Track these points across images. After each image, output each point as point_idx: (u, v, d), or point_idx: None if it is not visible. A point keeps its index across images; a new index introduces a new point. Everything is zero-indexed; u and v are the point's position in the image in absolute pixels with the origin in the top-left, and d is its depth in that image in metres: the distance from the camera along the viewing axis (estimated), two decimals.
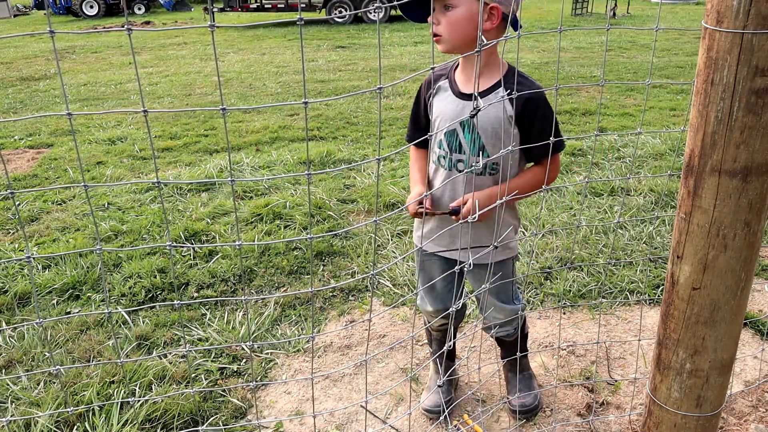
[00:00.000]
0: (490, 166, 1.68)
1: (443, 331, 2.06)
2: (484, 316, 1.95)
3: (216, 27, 0.94)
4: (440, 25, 1.57)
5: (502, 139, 1.62)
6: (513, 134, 1.63)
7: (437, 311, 1.98)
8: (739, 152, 1.18)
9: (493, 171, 1.70)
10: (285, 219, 3.57)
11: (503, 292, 1.89)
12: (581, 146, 4.75)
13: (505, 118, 1.61)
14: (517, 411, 2.03)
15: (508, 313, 1.91)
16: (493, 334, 2.00)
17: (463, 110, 1.64)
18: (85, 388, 2.17)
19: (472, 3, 1.52)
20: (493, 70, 1.63)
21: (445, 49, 1.61)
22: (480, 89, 1.63)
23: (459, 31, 1.54)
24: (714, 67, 1.16)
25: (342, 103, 6.70)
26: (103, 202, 3.92)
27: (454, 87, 1.69)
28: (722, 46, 1.14)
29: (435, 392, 2.08)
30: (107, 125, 6.08)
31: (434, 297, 1.97)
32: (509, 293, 1.92)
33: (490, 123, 1.63)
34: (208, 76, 8.92)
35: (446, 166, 1.73)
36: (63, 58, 11.39)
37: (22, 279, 2.95)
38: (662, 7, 14.49)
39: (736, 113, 1.16)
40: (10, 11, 22.26)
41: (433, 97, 1.74)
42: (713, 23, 1.14)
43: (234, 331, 2.52)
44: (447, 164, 1.72)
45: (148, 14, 22.19)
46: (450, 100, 1.69)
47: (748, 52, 1.12)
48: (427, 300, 1.98)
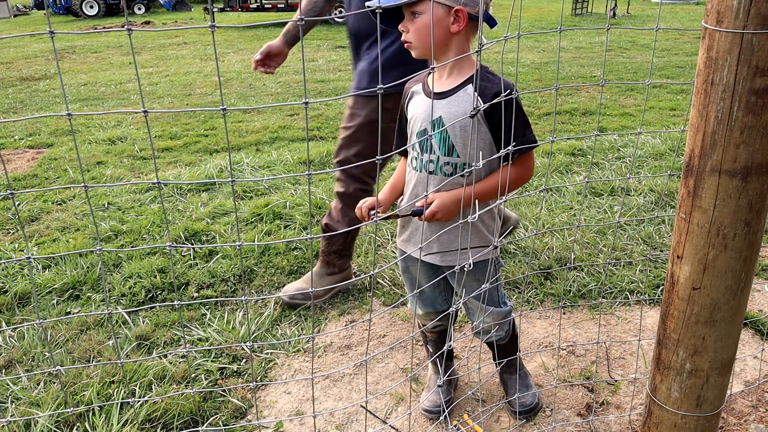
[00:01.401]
0: (460, 166, 1.66)
1: (438, 332, 2.06)
2: (474, 322, 1.94)
3: (216, 27, 0.94)
4: (409, 33, 1.60)
5: (472, 138, 1.61)
6: (483, 132, 1.62)
7: (428, 314, 1.99)
8: (739, 152, 1.19)
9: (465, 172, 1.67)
10: (285, 219, 3.57)
11: (489, 296, 1.86)
12: (581, 146, 4.75)
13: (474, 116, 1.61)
14: (518, 411, 2.03)
15: (496, 316, 1.89)
16: (485, 339, 1.96)
17: (434, 110, 1.65)
18: (85, 388, 2.17)
19: (436, 8, 1.55)
20: (464, 69, 1.65)
21: (417, 54, 1.63)
22: (449, 87, 1.64)
23: (425, 37, 1.57)
24: (714, 67, 1.16)
25: (342, 103, 6.70)
26: (103, 202, 3.92)
27: (425, 88, 1.70)
28: (722, 46, 1.14)
29: (434, 392, 2.08)
30: (107, 125, 6.08)
31: (423, 300, 1.97)
32: (494, 297, 1.89)
33: (459, 122, 1.62)
34: (208, 76, 8.92)
35: (418, 168, 1.73)
36: (63, 58, 11.40)
37: (22, 279, 2.95)
38: (662, 7, 14.48)
39: (736, 113, 1.16)
40: (10, 11, 22.26)
41: (408, 103, 1.76)
42: (713, 23, 1.14)
43: (234, 331, 2.52)
44: (418, 165, 1.72)
45: (148, 14, 22.19)
46: (422, 101, 1.70)
47: (748, 52, 1.12)
48: (417, 303, 1.98)
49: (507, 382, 2.11)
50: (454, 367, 2.21)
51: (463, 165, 1.66)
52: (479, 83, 1.59)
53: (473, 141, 1.61)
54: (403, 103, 1.79)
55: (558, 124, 5.67)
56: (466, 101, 1.60)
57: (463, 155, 1.64)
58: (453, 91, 1.63)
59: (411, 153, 1.76)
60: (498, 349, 2.02)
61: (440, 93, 1.65)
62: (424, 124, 1.68)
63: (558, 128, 5.55)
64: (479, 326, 1.93)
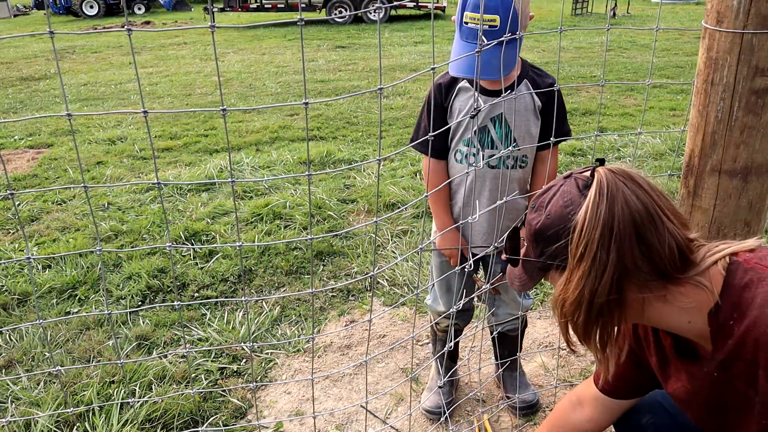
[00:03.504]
0: (520, 159, 1.75)
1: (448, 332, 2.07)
2: (498, 313, 1.97)
3: (216, 27, 0.94)
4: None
5: (530, 132, 1.71)
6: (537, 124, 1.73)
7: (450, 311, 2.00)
8: (739, 152, 1.19)
9: (522, 164, 1.77)
10: (285, 219, 3.57)
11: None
12: (581, 146, 4.75)
13: (531, 110, 1.71)
14: (519, 408, 2.03)
15: (521, 308, 1.95)
16: (502, 329, 2.01)
17: (493, 106, 1.69)
18: (85, 388, 2.17)
19: None
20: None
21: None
22: (504, 85, 1.67)
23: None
24: (714, 67, 1.16)
25: (342, 103, 6.71)
26: (103, 202, 3.92)
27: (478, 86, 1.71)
28: (722, 46, 1.14)
29: (436, 393, 2.08)
30: (107, 125, 6.08)
31: (450, 298, 1.97)
32: None
33: (520, 116, 1.70)
34: (208, 76, 8.92)
35: (477, 164, 1.75)
36: (63, 58, 11.40)
37: (22, 279, 2.95)
38: (662, 7, 14.49)
39: (736, 113, 1.16)
40: (10, 11, 22.25)
41: (453, 99, 1.74)
42: (713, 23, 1.14)
43: (234, 331, 2.52)
44: (477, 161, 1.75)
45: (148, 14, 22.19)
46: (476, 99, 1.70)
47: (748, 52, 1.12)
48: (442, 301, 1.98)
49: (507, 380, 2.12)
50: (456, 368, 2.21)
51: (523, 157, 1.75)
52: (532, 78, 1.69)
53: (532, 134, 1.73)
54: (445, 100, 1.75)
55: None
56: (525, 96, 1.68)
57: (523, 148, 1.73)
58: (511, 88, 1.65)
59: (464, 149, 1.76)
60: (507, 341, 2.06)
61: (498, 91, 1.67)
62: (485, 121, 1.72)
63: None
64: (500, 318, 1.97)
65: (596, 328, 1.03)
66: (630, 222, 0.96)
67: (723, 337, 1.00)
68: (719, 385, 1.05)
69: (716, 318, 0.99)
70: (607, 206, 0.96)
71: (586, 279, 0.98)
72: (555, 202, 1.03)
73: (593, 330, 1.04)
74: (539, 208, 1.07)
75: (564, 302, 1.03)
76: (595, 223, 0.97)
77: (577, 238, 0.99)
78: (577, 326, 1.04)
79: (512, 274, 1.19)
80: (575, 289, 1.00)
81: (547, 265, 1.07)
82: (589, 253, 0.97)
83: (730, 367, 1.01)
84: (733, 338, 0.98)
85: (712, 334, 1.01)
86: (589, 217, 0.97)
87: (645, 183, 1.00)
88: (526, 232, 1.11)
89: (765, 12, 1.08)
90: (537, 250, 1.08)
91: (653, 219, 0.97)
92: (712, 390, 1.07)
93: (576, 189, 1.02)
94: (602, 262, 0.97)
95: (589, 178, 1.02)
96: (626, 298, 1.00)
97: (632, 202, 0.97)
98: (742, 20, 1.10)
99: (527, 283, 1.14)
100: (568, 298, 1.02)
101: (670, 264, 0.98)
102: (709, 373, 1.06)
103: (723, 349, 1.00)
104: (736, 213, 1.23)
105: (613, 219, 0.96)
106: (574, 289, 1.00)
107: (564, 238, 1.01)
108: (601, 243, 0.96)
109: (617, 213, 0.96)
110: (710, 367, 1.05)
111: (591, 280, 0.98)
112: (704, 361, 1.06)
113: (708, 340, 1.03)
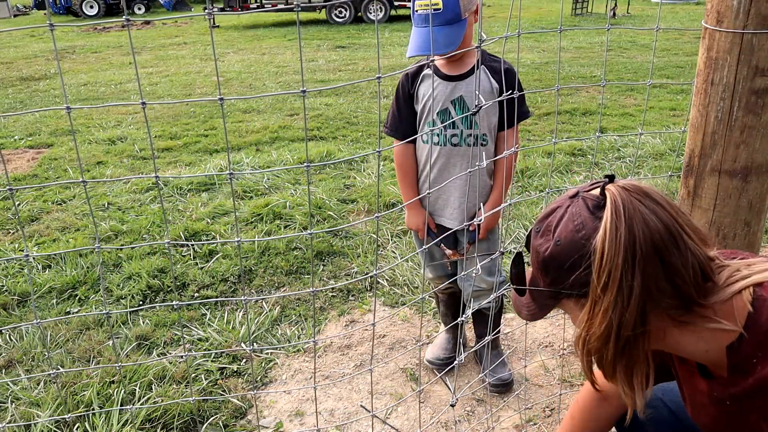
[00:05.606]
0: (481, 137, 1.93)
1: (449, 294, 2.26)
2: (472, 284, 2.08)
3: (214, 14, 0.94)
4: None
5: (488, 112, 1.90)
6: (495, 106, 1.89)
7: (439, 278, 2.20)
8: (739, 152, 1.19)
9: (483, 142, 1.94)
10: (285, 219, 3.57)
11: (489, 266, 2.06)
12: (581, 146, 4.74)
13: (489, 92, 1.89)
14: (491, 384, 2.14)
15: (490, 283, 2.07)
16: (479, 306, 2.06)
17: (453, 90, 1.90)
18: (84, 388, 2.17)
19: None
20: (470, 55, 1.92)
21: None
22: (463, 71, 1.90)
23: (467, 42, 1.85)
24: (714, 67, 1.16)
25: (342, 103, 6.71)
26: (103, 202, 3.92)
27: (440, 73, 1.92)
28: (722, 46, 1.14)
29: (438, 346, 2.31)
30: (107, 125, 6.08)
31: (434, 266, 2.18)
32: (493, 267, 2.08)
33: (478, 99, 1.84)
34: (208, 76, 8.92)
35: (441, 142, 1.95)
36: (63, 58, 11.40)
37: (22, 279, 2.95)
38: (662, 7, 14.49)
39: (736, 113, 1.16)
40: (10, 11, 22.24)
41: (418, 86, 1.95)
42: (713, 23, 1.14)
43: (234, 331, 2.52)
44: (441, 140, 1.95)
45: (148, 14, 22.19)
46: (438, 83, 1.91)
47: (748, 52, 1.12)
48: (428, 269, 2.21)
49: (485, 357, 2.21)
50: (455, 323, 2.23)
51: (483, 135, 1.93)
52: (490, 64, 1.90)
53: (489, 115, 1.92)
54: (411, 87, 1.97)
55: (558, 124, 5.66)
56: (482, 79, 1.89)
57: (482, 127, 1.92)
58: (469, 74, 1.89)
59: (427, 131, 1.96)
60: (482, 320, 2.18)
61: (458, 75, 1.90)
62: (446, 104, 1.91)
63: (558, 128, 5.55)
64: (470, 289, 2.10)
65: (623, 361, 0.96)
66: (651, 243, 0.89)
67: (742, 373, 0.94)
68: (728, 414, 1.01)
69: (738, 352, 0.93)
70: (626, 228, 0.89)
71: (613, 309, 0.90)
72: (564, 227, 0.95)
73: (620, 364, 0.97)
74: (546, 233, 0.98)
75: (590, 338, 0.95)
76: (617, 248, 0.89)
77: (599, 266, 0.91)
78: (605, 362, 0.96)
79: (519, 303, 1.10)
80: (602, 322, 0.92)
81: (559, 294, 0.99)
82: (614, 281, 0.90)
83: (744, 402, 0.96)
84: (754, 377, 0.92)
85: (730, 366, 0.95)
86: (609, 242, 0.90)
87: (662, 199, 0.93)
88: (532, 259, 1.03)
89: (765, 12, 1.08)
90: (547, 279, 1.00)
91: (674, 238, 0.90)
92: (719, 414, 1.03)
93: (587, 211, 0.94)
94: (628, 289, 0.89)
95: (600, 198, 0.94)
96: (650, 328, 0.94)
97: (651, 222, 0.90)
98: (742, 20, 1.10)
99: (537, 314, 1.06)
100: (594, 333, 0.94)
101: (694, 287, 0.91)
102: (720, 399, 1.01)
103: (740, 384, 0.95)
104: (736, 213, 1.23)
105: (634, 242, 0.89)
106: (600, 322, 0.92)
107: (584, 266, 0.93)
108: (625, 269, 0.89)
109: (638, 235, 0.89)
110: (721, 393, 1.00)
111: (618, 310, 0.90)
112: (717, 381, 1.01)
113: (724, 369, 0.97)
